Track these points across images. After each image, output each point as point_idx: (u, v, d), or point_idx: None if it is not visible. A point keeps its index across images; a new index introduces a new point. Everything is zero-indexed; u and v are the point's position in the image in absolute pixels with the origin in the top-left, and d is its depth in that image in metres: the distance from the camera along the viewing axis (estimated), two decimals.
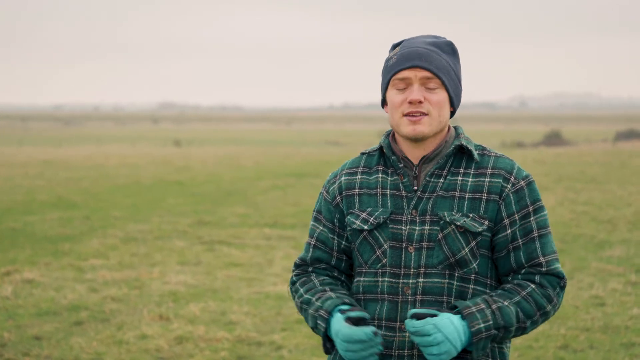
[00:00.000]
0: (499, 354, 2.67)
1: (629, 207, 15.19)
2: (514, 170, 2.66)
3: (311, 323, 2.66)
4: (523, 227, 2.63)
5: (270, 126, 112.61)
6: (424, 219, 2.62)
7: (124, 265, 10.17)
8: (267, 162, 30.35)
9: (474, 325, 2.49)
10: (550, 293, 2.61)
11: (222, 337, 6.94)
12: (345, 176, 2.75)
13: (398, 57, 2.63)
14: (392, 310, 2.62)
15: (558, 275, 2.63)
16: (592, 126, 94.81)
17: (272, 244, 11.82)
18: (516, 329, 2.56)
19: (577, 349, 6.57)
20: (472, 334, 2.49)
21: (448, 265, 2.62)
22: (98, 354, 6.56)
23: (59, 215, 14.95)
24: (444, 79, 2.60)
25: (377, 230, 2.65)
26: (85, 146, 48.71)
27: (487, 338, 2.51)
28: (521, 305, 2.57)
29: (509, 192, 2.63)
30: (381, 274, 2.64)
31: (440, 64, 2.61)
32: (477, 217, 2.61)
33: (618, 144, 44.10)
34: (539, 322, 2.61)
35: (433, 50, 2.63)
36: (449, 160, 2.66)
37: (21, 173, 24.73)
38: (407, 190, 2.66)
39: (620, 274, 9.28)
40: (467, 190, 2.63)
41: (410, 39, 2.68)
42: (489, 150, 2.70)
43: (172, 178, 23.23)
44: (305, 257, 2.78)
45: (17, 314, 7.75)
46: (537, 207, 2.65)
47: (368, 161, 2.75)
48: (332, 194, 2.75)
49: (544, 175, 22.09)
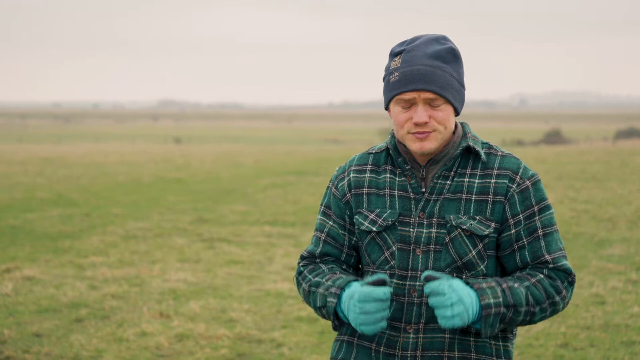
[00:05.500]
0: (503, 352, 2.66)
1: (629, 206, 15.19)
2: (520, 170, 2.64)
3: (320, 302, 2.62)
4: (527, 227, 2.61)
5: (270, 124, 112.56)
6: (432, 221, 2.61)
7: (124, 263, 10.17)
8: (267, 160, 30.34)
9: (484, 299, 2.47)
10: (559, 285, 2.59)
11: (222, 334, 6.94)
12: (354, 173, 2.73)
13: (400, 77, 2.57)
14: (397, 310, 2.62)
15: (566, 271, 2.61)
16: (591, 124, 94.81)
17: (273, 242, 11.82)
18: (525, 313, 2.53)
19: (577, 347, 6.57)
20: (482, 308, 2.46)
21: (455, 268, 2.61)
22: (98, 351, 6.55)
23: (58, 212, 14.94)
24: (448, 96, 2.57)
25: (385, 232, 2.65)
26: (84, 144, 48.70)
27: (496, 315, 2.48)
28: (531, 290, 2.54)
29: (514, 192, 2.62)
30: (389, 275, 2.64)
31: (444, 81, 2.56)
32: (483, 220, 2.60)
33: (618, 142, 44.11)
34: (547, 312, 2.58)
35: (436, 65, 2.57)
36: (456, 162, 2.65)
37: (21, 170, 24.72)
38: (415, 192, 2.65)
39: (621, 272, 9.28)
40: (473, 192, 2.62)
41: (411, 50, 2.60)
42: (495, 148, 2.69)
43: (172, 176, 23.22)
44: (314, 251, 2.77)
45: (17, 311, 7.74)
46: (543, 206, 2.64)
47: (376, 160, 2.73)
48: (342, 191, 2.74)
49: (545, 174, 22.09)
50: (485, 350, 2.62)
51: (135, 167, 26.39)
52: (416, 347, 2.60)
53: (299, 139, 57.40)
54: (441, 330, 2.60)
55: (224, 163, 28.74)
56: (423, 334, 2.60)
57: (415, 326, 2.61)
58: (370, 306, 2.46)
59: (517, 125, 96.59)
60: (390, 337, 2.62)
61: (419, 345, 2.60)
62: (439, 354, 2.60)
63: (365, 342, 2.67)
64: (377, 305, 2.46)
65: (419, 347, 2.60)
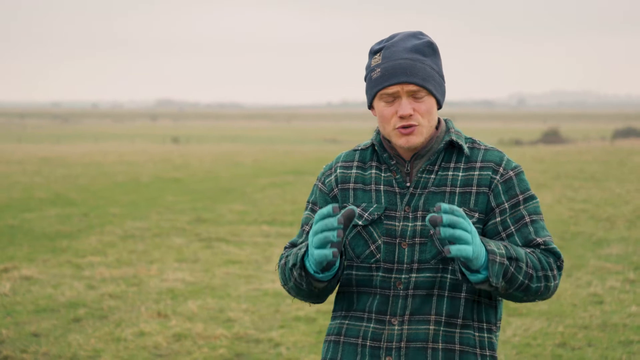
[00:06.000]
0: (488, 343, 2.67)
1: (627, 205, 15.20)
2: (503, 162, 2.68)
3: (292, 261, 2.61)
4: (514, 215, 2.64)
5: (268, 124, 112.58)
6: (417, 215, 2.65)
7: (122, 263, 10.16)
8: (266, 160, 30.35)
9: (489, 246, 2.48)
10: (551, 262, 2.61)
11: (220, 334, 6.94)
12: (340, 169, 2.78)
13: (382, 72, 2.64)
14: (383, 303, 2.65)
15: (556, 254, 2.63)
16: (590, 124, 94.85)
17: (271, 242, 11.82)
18: (525, 273, 2.53)
19: (575, 346, 6.57)
20: (488, 253, 2.46)
21: (441, 260, 2.64)
22: (96, 351, 6.55)
23: (57, 212, 14.94)
24: (430, 88, 2.63)
25: (371, 226, 2.68)
26: (83, 143, 48.69)
27: (501, 265, 2.48)
28: (528, 256, 2.57)
29: (497, 183, 2.66)
30: (375, 268, 2.67)
31: (425, 73, 2.63)
32: (467, 211, 2.64)
33: (616, 142, 44.14)
34: (542, 284, 2.58)
35: (416, 59, 2.63)
36: (439, 156, 2.70)
37: (19, 170, 24.72)
38: (400, 187, 2.69)
39: (619, 272, 9.28)
40: (457, 185, 2.66)
41: (391, 46, 2.67)
42: (478, 143, 2.74)
43: (170, 175, 23.23)
44: (296, 241, 2.79)
45: (15, 311, 7.74)
46: (527, 196, 2.67)
47: (362, 156, 2.78)
48: (330, 186, 2.78)
49: (543, 173, 22.10)
50: (469, 342, 2.64)
51: (134, 167, 26.39)
52: (401, 339, 2.62)
53: (297, 139, 57.42)
54: (426, 322, 2.62)
55: (223, 163, 28.75)
56: (408, 325, 2.63)
57: (400, 318, 2.63)
58: (317, 226, 2.44)
59: (515, 125, 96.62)
60: (375, 330, 2.65)
61: (404, 337, 2.62)
62: (423, 345, 2.62)
63: (351, 339, 2.69)
64: (323, 223, 2.43)
65: (403, 338, 2.62)
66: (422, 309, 2.62)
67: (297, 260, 2.59)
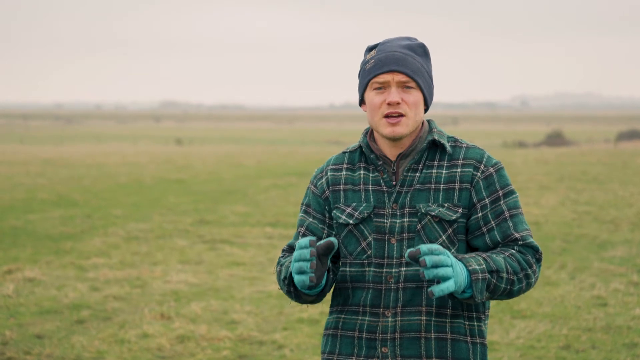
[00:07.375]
0: (477, 331, 2.81)
1: (631, 208, 15.18)
2: (484, 159, 2.82)
3: (284, 273, 2.81)
4: (494, 210, 2.78)
5: (271, 125, 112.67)
6: (404, 211, 2.80)
7: (126, 264, 10.17)
8: (269, 161, 30.36)
9: (470, 265, 2.63)
10: (529, 259, 2.75)
11: (223, 336, 6.94)
12: (331, 172, 2.93)
13: (376, 62, 2.80)
14: (376, 297, 2.79)
15: (533, 248, 2.77)
16: (593, 126, 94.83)
17: (274, 243, 11.82)
18: (506, 280, 2.68)
19: (579, 349, 6.57)
20: (470, 273, 2.61)
21: None
22: (99, 352, 6.55)
23: (60, 213, 14.95)
24: (419, 81, 2.78)
25: (362, 224, 2.83)
26: (86, 144, 48.75)
27: (483, 281, 2.63)
28: (507, 261, 2.71)
29: (478, 179, 2.80)
30: (367, 264, 2.81)
31: (415, 67, 2.79)
32: (451, 206, 2.78)
33: (620, 144, 44.11)
34: (523, 284, 2.73)
35: (408, 54, 2.80)
36: (423, 155, 2.84)
37: (22, 171, 24.74)
38: (388, 186, 2.83)
39: (623, 275, 9.28)
40: (441, 182, 2.80)
41: (386, 43, 2.84)
42: (460, 141, 2.88)
43: (173, 177, 23.23)
44: (293, 244, 2.94)
45: (19, 313, 7.75)
46: (507, 191, 2.81)
47: (351, 158, 2.92)
48: (321, 188, 2.92)
49: (546, 175, 22.09)
50: (459, 330, 2.77)
51: (137, 168, 26.40)
52: (395, 330, 2.76)
53: (300, 140, 57.46)
54: (418, 313, 2.76)
55: (226, 164, 28.76)
56: (401, 317, 2.77)
57: (393, 310, 2.77)
58: (295, 254, 2.64)
59: (518, 127, 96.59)
60: (370, 323, 2.79)
61: (397, 328, 2.76)
62: (416, 335, 2.76)
63: (348, 332, 2.84)
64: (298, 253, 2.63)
65: (397, 329, 2.76)
66: (413, 300, 2.76)
67: (287, 275, 2.79)
